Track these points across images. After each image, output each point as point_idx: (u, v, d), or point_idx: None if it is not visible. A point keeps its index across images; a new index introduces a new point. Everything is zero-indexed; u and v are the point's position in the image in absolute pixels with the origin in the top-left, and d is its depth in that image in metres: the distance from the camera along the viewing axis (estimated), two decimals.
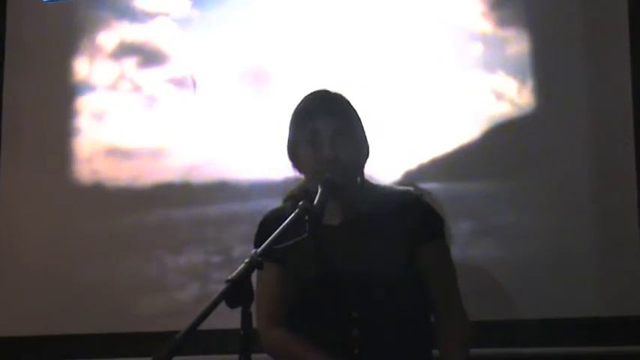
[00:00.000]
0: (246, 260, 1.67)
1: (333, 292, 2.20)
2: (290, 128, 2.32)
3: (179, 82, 3.33)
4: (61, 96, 3.47)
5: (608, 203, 2.87)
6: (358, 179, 2.32)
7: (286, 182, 2.63)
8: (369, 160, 2.38)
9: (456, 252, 2.55)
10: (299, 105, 2.33)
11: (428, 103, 3.06)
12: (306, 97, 2.34)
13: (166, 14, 3.38)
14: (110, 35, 3.44)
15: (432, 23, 3.09)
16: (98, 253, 3.30)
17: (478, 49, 3.04)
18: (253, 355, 1.62)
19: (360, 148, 2.30)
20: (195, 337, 1.56)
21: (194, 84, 3.19)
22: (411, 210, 2.30)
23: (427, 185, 2.99)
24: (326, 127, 2.23)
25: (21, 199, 3.44)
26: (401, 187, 2.43)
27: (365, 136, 2.34)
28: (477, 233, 2.96)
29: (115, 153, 3.36)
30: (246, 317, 1.63)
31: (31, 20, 3.56)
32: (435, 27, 3.09)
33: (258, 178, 3.18)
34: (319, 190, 2.04)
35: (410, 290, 2.25)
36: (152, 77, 3.36)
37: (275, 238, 1.78)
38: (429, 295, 2.29)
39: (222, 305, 1.61)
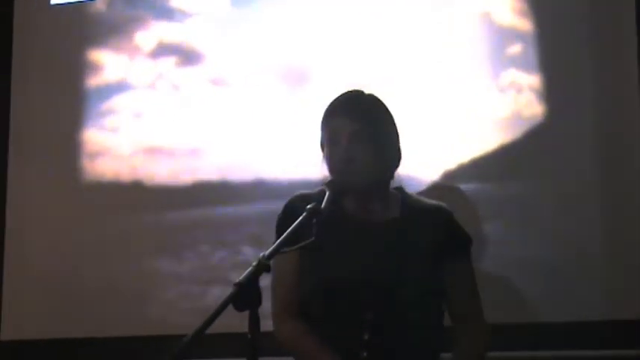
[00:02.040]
0: (254, 263, 1.66)
1: (348, 292, 2.19)
2: (320, 128, 2.34)
3: (217, 81, 3.33)
4: (72, 97, 3.51)
5: (616, 206, 2.83)
6: (383, 185, 2.31)
7: (324, 180, 2.63)
8: (413, 159, 2.46)
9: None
10: (331, 103, 2.33)
11: (462, 103, 3.03)
12: (339, 97, 2.34)
13: (204, 14, 3.39)
14: (148, 35, 3.46)
15: (474, 22, 3.06)
16: (137, 251, 3.33)
17: (517, 48, 3.00)
18: (261, 359, 1.62)
19: (382, 152, 2.26)
20: (203, 341, 1.57)
21: None
22: (441, 224, 2.30)
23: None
24: (344, 126, 2.23)
25: (53, 198, 3.47)
26: (434, 202, 2.39)
27: (394, 142, 2.32)
28: (484, 235, 2.94)
29: (153, 152, 3.38)
30: (253, 320, 1.62)
31: (38, 24, 3.61)
32: (476, 26, 3.05)
33: (296, 176, 3.17)
34: (327, 193, 2.04)
35: (427, 300, 2.24)
36: (190, 76, 3.37)
37: (283, 240, 1.77)
38: (446, 306, 2.30)
39: (230, 308, 1.62)
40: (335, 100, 2.33)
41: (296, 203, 2.30)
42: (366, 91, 2.31)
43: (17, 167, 3.54)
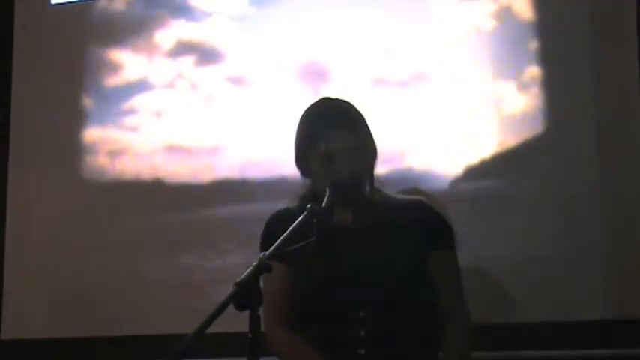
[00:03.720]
0: (254, 263, 1.67)
1: (340, 291, 2.20)
2: (299, 136, 2.36)
3: (236, 80, 3.33)
4: (77, 96, 3.53)
5: (616, 205, 2.83)
6: (367, 185, 2.35)
7: (303, 191, 2.61)
8: (431, 155, 2.66)
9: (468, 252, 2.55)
10: (308, 115, 2.36)
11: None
12: (314, 108, 2.37)
13: (223, 12, 3.38)
14: (167, 34, 3.46)
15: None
16: (158, 249, 3.34)
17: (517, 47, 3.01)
18: (261, 358, 1.62)
19: (369, 159, 2.34)
20: (203, 340, 1.57)
21: None
22: (421, 218, 2.32)
23: None
24: (342, 145, 2.24)
25: (76, 197, 3.48)
26: (413, 197, 2.45)
27: (373, 144, 2.36)
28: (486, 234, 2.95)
29: (173, 150, 3.39)
30: (254, 320, 1.63)
31: (38, 24, 3.62)
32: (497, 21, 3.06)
33: None
34: (327, 194, 2.04)
35: (417, 293, 2.25)
36: (209, 75, 3.37)
37: (283, 240, 1.78)
38: (436, 299, 2.30)
39: (231, 308, 1.62)
40: (312, 111, 2.36)
41: (278, 218, 2.36)
42: (388, 89, 2.33)
43: (19, 166, 3.55)
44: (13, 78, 3.60)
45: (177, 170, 3.37)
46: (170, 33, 3.46)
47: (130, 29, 3.52)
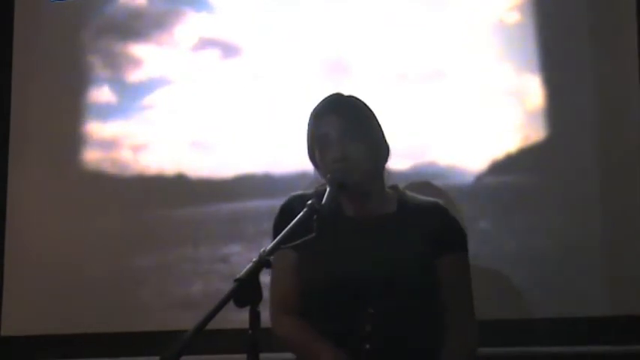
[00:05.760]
0: (255, 259, 1.66)
1: (349, 287, 2.20)
2: (307, 132, 2.37)
3: (258, 74, 3.33)
4: (79, 92, 3.56)
5: (617, 200, 2.81)
6: (378, 181, 2.34)
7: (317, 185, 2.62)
8: (455, 149, 2.66)
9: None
10: (313, 111, 2.37)
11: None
12: (320, 104, 2.37)
13: (244, 7, 3.38)
14: (188, 29, 3.46)
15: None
16: (180, 242, 3.36)
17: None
18: (261, 355, 1.63)
19: (372, 148, 2.29)
20: (204, 336, 1.57)
21: None
22: (436, 219, 2.32)
23: None
24: (333, 127, 2.25)
25: (94, 192, 3.50)
26: (430, 199, 2.42)
27: (382, 137, 2.35)
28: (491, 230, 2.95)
29: (195, 145, 3.40)
30: (254, 317, 1.63)
31: (38, 20, 3.64)
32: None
33: None
34: (327, 190, 2.04)
35: (425, 293, 2.25)
36: (231, 70, 3.37)
37: (283, 236, 1.78)
38: (443, 299, 2.29)
39: (231, 304, 1.62)
40: (319, 105, 2.37)
41: (293, 204, 2.33)
42: (411, 83, 2.29)
43: (20, 165, 3.56)
44: (13, 77, 3.62)
45: (200, 165, 3.37)
46: (191, 28, 3.46)
47: (151, 24, 3.53)
